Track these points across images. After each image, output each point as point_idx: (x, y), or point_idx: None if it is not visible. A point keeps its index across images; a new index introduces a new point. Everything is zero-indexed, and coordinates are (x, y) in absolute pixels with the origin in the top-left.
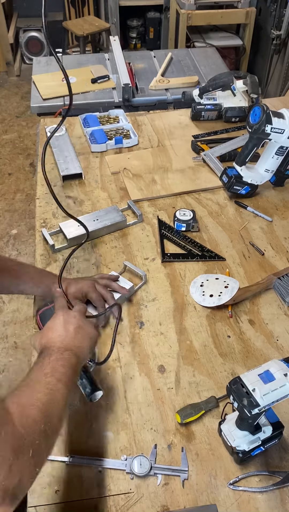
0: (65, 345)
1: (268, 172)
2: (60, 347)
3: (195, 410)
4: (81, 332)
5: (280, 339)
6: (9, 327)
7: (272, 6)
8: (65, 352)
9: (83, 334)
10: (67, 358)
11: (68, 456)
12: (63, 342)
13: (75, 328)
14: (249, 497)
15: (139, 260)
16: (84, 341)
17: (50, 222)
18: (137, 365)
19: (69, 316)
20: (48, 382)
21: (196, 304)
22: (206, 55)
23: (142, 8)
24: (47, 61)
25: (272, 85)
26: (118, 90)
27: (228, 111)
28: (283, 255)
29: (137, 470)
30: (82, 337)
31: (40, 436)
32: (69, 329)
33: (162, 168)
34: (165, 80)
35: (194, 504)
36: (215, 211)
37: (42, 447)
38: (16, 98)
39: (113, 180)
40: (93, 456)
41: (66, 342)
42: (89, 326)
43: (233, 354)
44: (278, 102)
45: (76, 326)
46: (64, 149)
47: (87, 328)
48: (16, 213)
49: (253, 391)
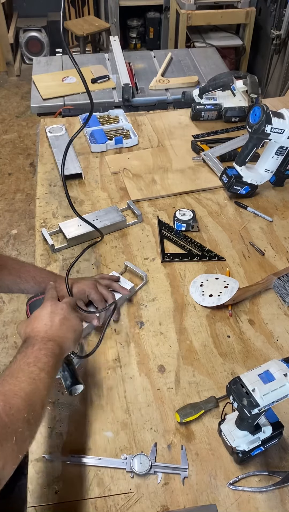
0: (49, 335)
1: (268, 172)
2: (44, 337)
3: (194, 410)
4: (67, 324)
5: (280, 339)
6: (9, 327)
7: (272, 6)
8: (48, 342)
9: (68, 326)
10: (50, 348)
11: (68, 455)
12: (47, 332)
13: (60, 319)
14: (249, 497)
15: (139, 260)
16: (69, 333)
17: (50, 222)
18: (137, 365)
19: (56, 307)
20: (31, 371)
21: (196, 304)
22: (206, 55)
23: (142, 8)
24: (47, 61)
25: (272, 85)
26: (118, 90)
27: (228, 111)
28: (283, 255)
29: (137, 469)
30: (67, 329)
31: (23, 424)
32: (55, 320)
33: (162, 168)
34: (165, 80)
35: (193, 504)
36: (215, 211)
37: (25, 435)
38: (16, 98)
39: (113, 180)
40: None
41: (51, 332)
42: (75, 318)
43: (233, 354)
44: (278, 102)
45: (62, 317)
46: (64, 149)
47: (73, 320)
48: (16, 213)
49: (253, 391)
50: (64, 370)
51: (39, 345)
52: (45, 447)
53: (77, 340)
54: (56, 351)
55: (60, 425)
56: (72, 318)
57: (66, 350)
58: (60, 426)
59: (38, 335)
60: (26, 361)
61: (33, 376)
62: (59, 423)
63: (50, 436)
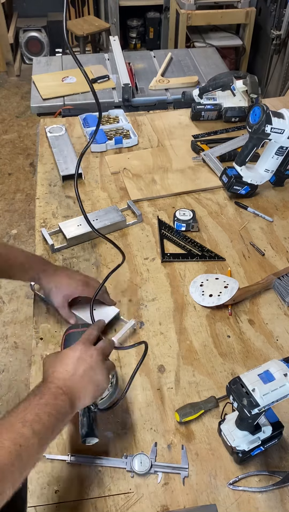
0: (66, 386)
1: (268, 172)
2: (58, 387)
3: (194, 410)
4: (90, 376)
5: (280, 339)
6: (9, 327)
7: (272, 6)
8: (61, 395)
9: (91, 378)
10: (59, 404)
11: (69, 454)
12: (65, 382)
13: (85, 369)
14: (249, 497)
15: (139, 260)
16: (89, 387)
17: (50, 222)
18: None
19: (86, 353)
20: (22, 434)
21: (196, 304)
22: (206, 55)
23: (142, 8)
24: (47, 61)
25: (272, 85)
26: (118, 90)
27: (228, 111)
28: (283, 255)
29: (137, 468)
30: (88, 382)
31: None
32: (79, 369)
33: (162, 168)
34: (165, 80)
35: (193, 504)
36: (214, 211)
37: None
38: (16, 98)
39: (113, 180)
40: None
41: (68, 383)
42: (103, 372)
43: (232, 354)
44: (278, 102)
45: (88, 368)
46: (64, 149)
47: (98, 374)
48: (16, 213)
49: (253, 391)
50: (84, 416)
51: (47, 399)
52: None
53: (96, 396)
54: (64, 410)
55: None
56: (99, 371)
57: (79, 406)
58: None
59: (54, 383)
60: (24, 417)
61: (20, 442)
62: None
63: None
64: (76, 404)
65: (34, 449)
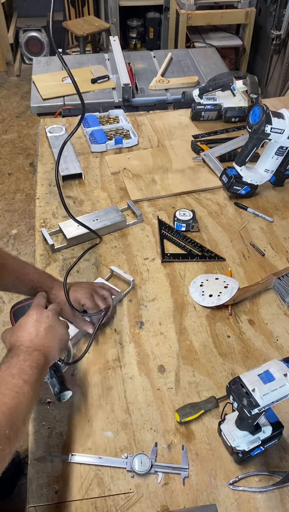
0: (34, 345)
1: (268, 172)
2: (29, 347)
3: (194, 410)
4: (52, 332)
5: (280, 339)
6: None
7: (272, 6)
8: (33, 352)
9: (54, 334)
10: (35, 358)
11: (70, 454)
12: (32, 341)
13: (46, 327)
14: (249, 497)
15: (139, 260)
16: (54, 341)
17: (50, 222)
18: (137, 365)
19: (41, 315)
20: (15, 384)
21: (196, 304)
22: (206, 55)
23: (142, 8)
24: (47, 61)
25: (272, 85)
26: (118, 90)
27: (228, 111)
28: (283, 255)
29: (138, 468)
30: (53, 337)
31: (3, 441)
32: (40, 329)
33: (162, 168)
34: (165, 80)
35: (193, 504)
36: (214, 211)
37: (5, 452)
38: (16, 98)
39: (113, 180)
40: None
41: (36, 342)
42: (61, 327)
43: (232, 354)
44: (278, 102)
45: (48, 326)
46: (64, 149)
47: (58, 329)
48: (16, 213)
49: (253, 391)
50: (52, 377)
51: (24, 356)
52: (45, 447)
53: (62, 348)
54: (41, 362)
55: (60, 425)
56: (57, 326)
57: (51, 359)
58: (60, 426)
59: (23, 345)
60: (11, 372)
61: (16, 390)
62: (59, 423)
63: (50, 436)
64: (48, 357)
65: (29, 394)
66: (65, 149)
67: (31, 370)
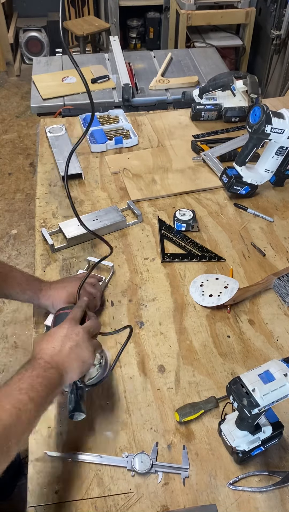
0: (54, 361)
1: (268, 172)
2: (47, 362)
3: (194, 410)
4: (76, 352)
5: (280, 339)
6: (9, 327)
7: (272, 6)
8: (50, 369)
9: (77, 355)
10: (49, 376)
11: (70, 452)
12: (53, 358)
13: (72, 346)
14: (249, 497)
15: (139, 260)
16: (76, 363)
17: (50, 222)
18: (137, 365)
19: (72, 331)
20: (20, 400)
21: (196, 304)
22: (206, 55)
23: (143, 8)
24: (47, 61)
25: (272, 85)
26: (118, 90)
27: (228, 111)
28: (283, 255)
29: (138, 467)
30: (76, 358)
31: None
32: (65, 346)
33: (162, 168)
34: (165, 80)
35: (193, 504)
36: (215, 211)
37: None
38: (16, 98)
39: (113, 180)
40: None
41: (56, 359)
42: (88, 349)
43: (233, 354)
44: (278, 102)
45: (74, 344)
46: (64, 149)
47: (84, 350)
48: (16, 213)
49: (253, 391)
50: (72, 393)
51: (38, 371)
52: (45, 446)
53: (83, 372)
54: (54, 381)
55: (60, 424)
56: (84, 347)
57: (67, 380)
58: (60, 425)
59: (42, 358)
60: (20, 386)
61: (19, 406)
62: (59, 423)
63: (50, 435)
64: (64, 377)
65: (31, 413)
66: (65, 149)
67: (41, 388)
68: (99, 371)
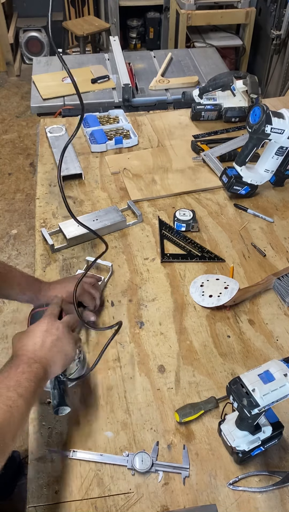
0: (37, 357)
1: (268, 172)
2: (30, 358)
3: (194, 410)
4: (58, 346)
5: (280, 339)
6: (9, 327)
7: (272, 6)
8: (34, 364)
9: (59, 349)
10: (34, 371)
11: (71, 450)
12: (35, 353)
13: (53, 340)
14: (249, 497)
15: (139, 260)
16: (58, 356)
17: (50, 222)
18: (137, 365)
19: (52, 326)
20: (9, 397)
21: (196, 304)
22: (206, 55)
23: (142, 8)
24: (47, 61)
25: (272, 85)
26: (118, 90)
27: (228, 111)
28: (283, 255)
29: (138, 466)
30: (58, 352)
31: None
32: (46, 340)
33: (162, 168)
34: (165, 80)
35: (193, 504)
36: (215, 211)
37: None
38: (16, 98)
39: (113, 180)
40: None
41: (39, 354)
42: (69, 342)
43: (233, 354)
44: (278, 102)
45: (55, 338)
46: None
47: (66, 344)
48: (16, 213)
49: (253, 391)
50: (55, 388)
51: (23, 367)
52: (45, 446)
53: (66, 364)
54: (40, 375)
55: (60, 425)
56: (65, 341)
57: (51, 374)
58: (60, 426)
59: (25, 355)
60: (6, 384)
61: (9, 403)
62: (59, 423)
63: (50, 436)
64: (48, 371)
65: (22, 409)
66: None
67: (28, 383)
68: (79, 366)
